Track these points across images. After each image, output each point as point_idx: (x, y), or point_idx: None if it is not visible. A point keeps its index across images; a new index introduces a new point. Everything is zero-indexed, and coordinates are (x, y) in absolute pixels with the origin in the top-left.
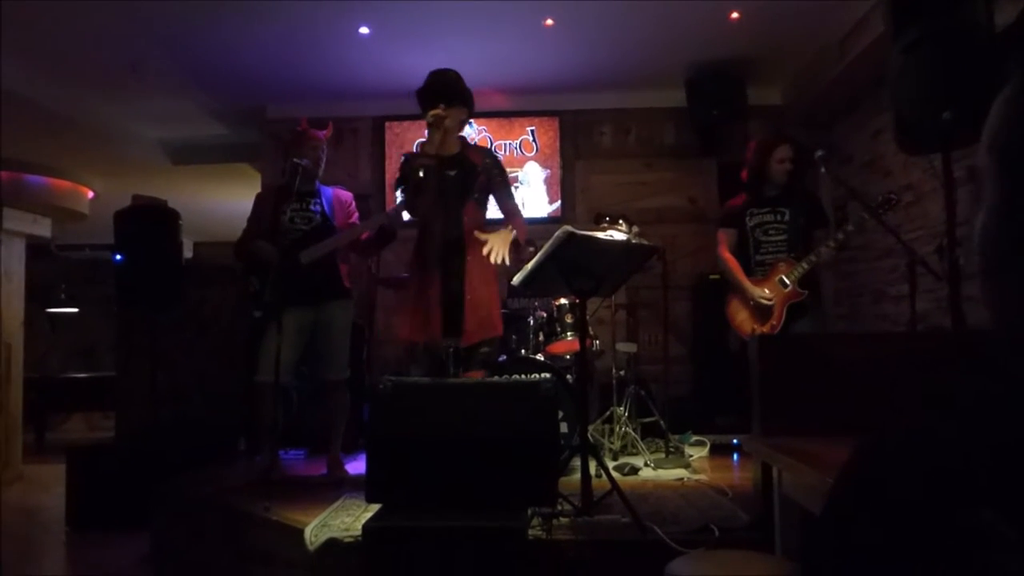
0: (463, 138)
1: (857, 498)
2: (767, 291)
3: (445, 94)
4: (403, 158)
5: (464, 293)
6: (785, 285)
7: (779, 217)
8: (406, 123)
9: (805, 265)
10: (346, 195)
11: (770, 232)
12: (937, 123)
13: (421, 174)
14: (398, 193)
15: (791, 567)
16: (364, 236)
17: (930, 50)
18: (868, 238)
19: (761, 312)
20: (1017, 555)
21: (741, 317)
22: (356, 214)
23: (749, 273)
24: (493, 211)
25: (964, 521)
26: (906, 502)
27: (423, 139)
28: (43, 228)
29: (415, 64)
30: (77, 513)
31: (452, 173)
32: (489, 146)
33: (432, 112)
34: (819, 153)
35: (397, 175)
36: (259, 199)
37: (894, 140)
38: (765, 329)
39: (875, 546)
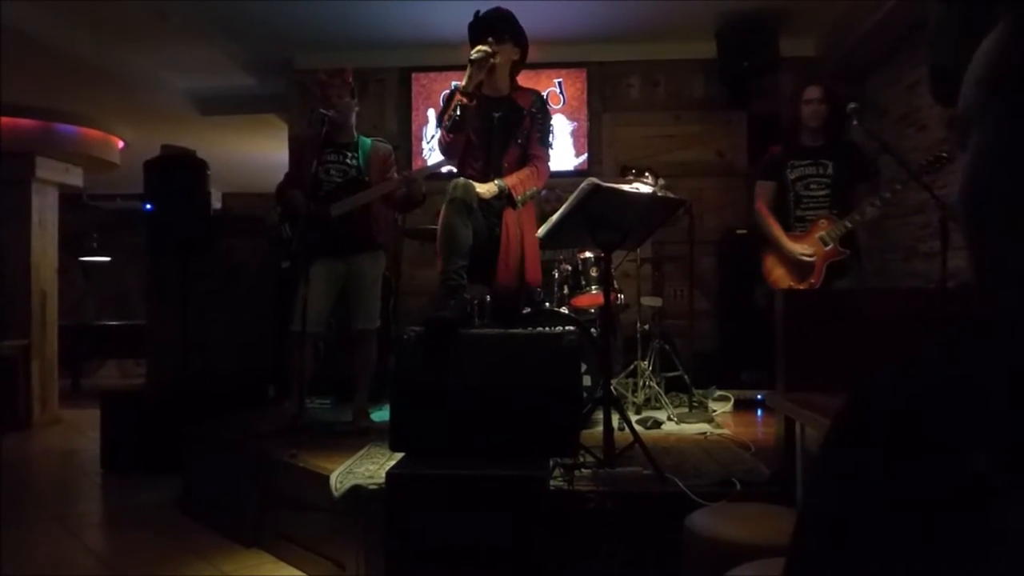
0: (514, 80)
1: (849, 442)
2: (807, 248)
3: (496, 28)
4: (451, 88)
5: (499, 241)
6: (826, 243)
7: (822, 170)
8: (432, 74)
9: (848, 224)
10: (385, 148)
11: (812, 186)
12: None
13: (458, 112)
14: (436, 129)
15: None
16: (396, 192)
17: None
18: (900, 194)
19: (800, 269)
20: (1013, 502)
21: (777, 274)
22: (394, 168)
23: (787, 229)
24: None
25: (959, 467)
26: (898, 447)
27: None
28: (75, 177)
29: (442, 14)
30: (111, 456)
31: (497, 115)
32: None
33: (479, 46)
34: (852, 106)
35: (441, 107)
36: (296, 147)
37: (930, 92)
38: (803, 288)
39: (867, 496)
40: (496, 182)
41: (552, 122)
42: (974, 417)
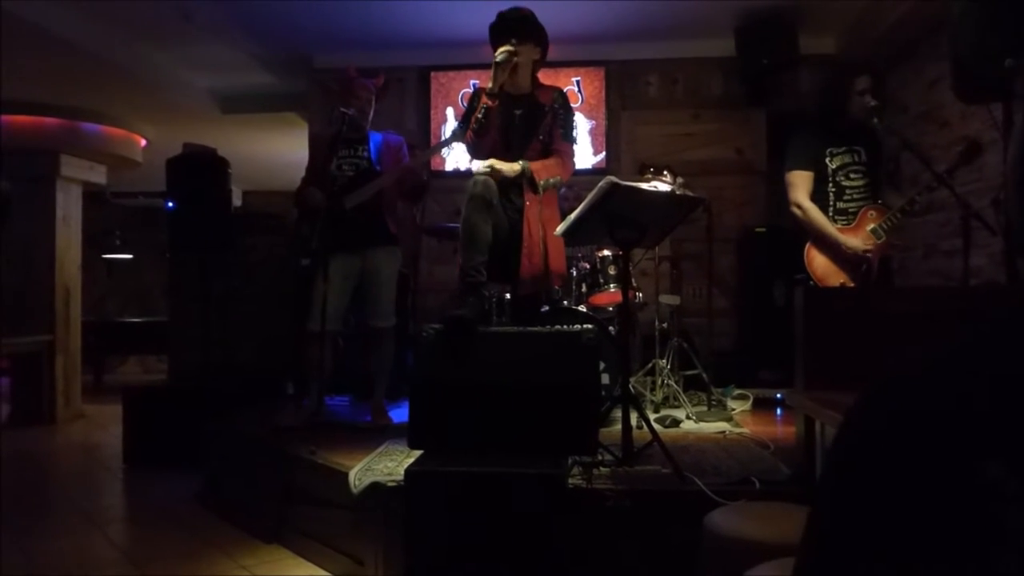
0: (535, 78)
1: (856, 450)
2: (863, 243)
3: (518, 30)
4: (472, 89)
5: (521, 239)
6: (879, 236)
7: (857, 158)
8: (451, 73)
9: (899, 214)
10: (395, 139)
11: (851, 176)
12: (998, 70)
13: (481, 115)
14: (452, 127)
15: None
16: (406, 180)
17: None
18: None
19: (852, 266)
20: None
21: (824, 270)
22: (406, 158)
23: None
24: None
25: (968, 474)
26: (905, 454)
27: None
28: (98, 175)
29: (461, 13)
30: (133, 450)
31: (519, 112)
32: None
33: (503, 48)
34: (872, 103)
35: (464, 109)
36: (314, 145)
37: (952, 88)
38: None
39: (871, 506)
40: (520, 162)
41: (575, 118)
42: (990, 422)
